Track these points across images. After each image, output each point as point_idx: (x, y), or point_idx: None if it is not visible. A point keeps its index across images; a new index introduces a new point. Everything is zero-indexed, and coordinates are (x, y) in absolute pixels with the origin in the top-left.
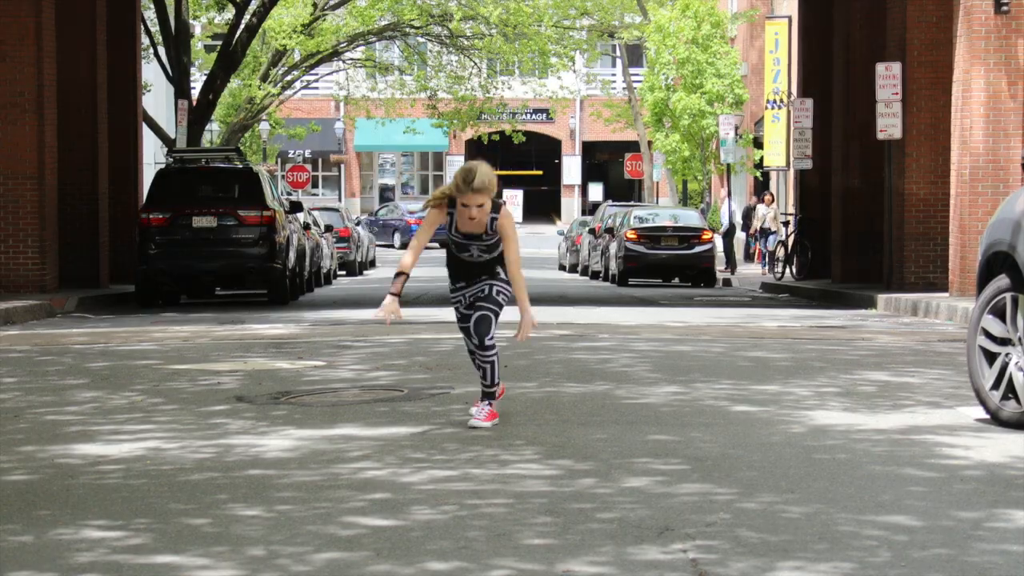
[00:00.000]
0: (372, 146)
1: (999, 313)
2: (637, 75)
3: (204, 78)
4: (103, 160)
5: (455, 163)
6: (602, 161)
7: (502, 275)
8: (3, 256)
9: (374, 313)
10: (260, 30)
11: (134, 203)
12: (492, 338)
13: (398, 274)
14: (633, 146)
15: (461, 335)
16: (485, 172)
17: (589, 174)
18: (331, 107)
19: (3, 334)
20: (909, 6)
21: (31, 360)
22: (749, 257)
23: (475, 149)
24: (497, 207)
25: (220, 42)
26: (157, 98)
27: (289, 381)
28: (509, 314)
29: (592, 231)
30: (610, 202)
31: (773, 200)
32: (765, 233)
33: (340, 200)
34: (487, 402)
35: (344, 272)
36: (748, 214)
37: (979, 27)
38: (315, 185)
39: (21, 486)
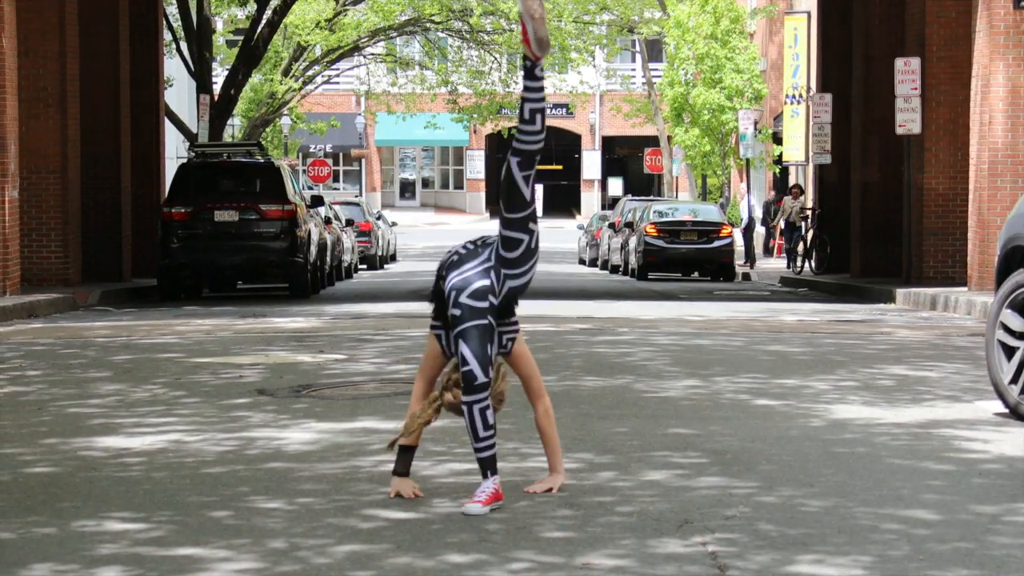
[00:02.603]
0: (393, 141)
1: (1018, 307)
2: (656, 70)
3: (226, 73)
4: (126, 154)
5: (475, 157)
6: (621, 156)
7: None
8: (27, 250)
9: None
10: (282, 25)
11: (156, 197)
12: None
13: (403, 449)
14: (652, 141)
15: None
16: None
17: (609, 169)
18: (352, 102)
19: (27, 327)
20: (928, 1)
21: (54, 353)
22: (768, 251)
23: (495, 143)
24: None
25: (242, 37)
26: (179, 93)
27: (310, 374)
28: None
29: (612, 225)
30: (629, 196)
31: (802, 193)
32: (791, 227)
33: (361, 195)
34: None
35: (365, 266)
36: (768, 208)
37: (999, 22)
38: (336, 179)
39: (45, 478)
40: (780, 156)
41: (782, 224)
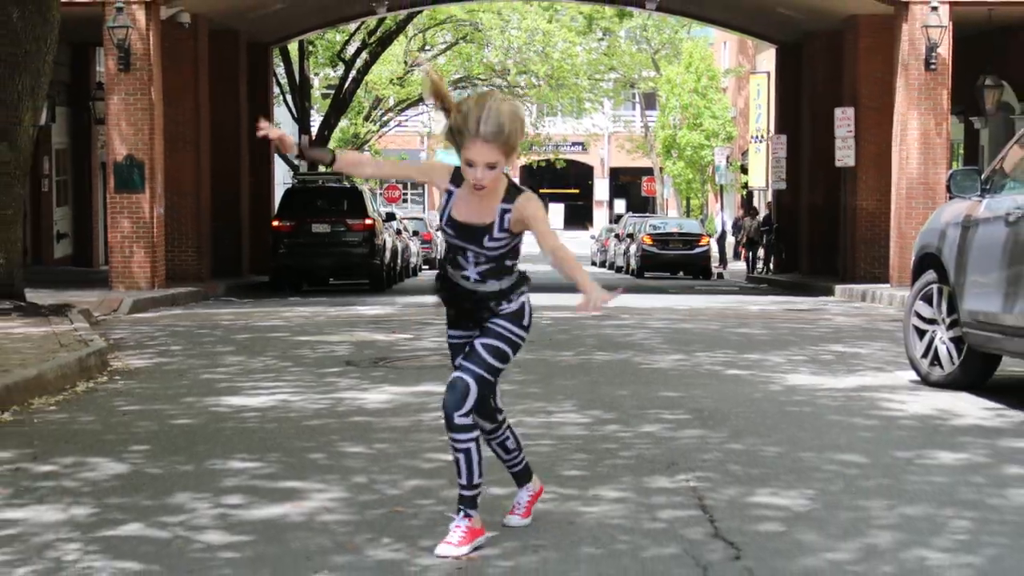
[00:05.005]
0: None
1: (928, 299)
2: (651, 116)
3: (321, 119)
4: (244, 181)
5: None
6: (624, 182)
7: (508, 307)
8: (170, 254)
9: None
10: (363, 82)
11: (268, 214)
12: (466, 415)
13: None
14: (648, 171)
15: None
16: (506, 111)
17: (614, 192)
18: (417, 140)
19: (170, 313)
20: (860, 64)
21: (191, 333)
22: (737, 256)
23: (527, 174)
24: (515, 192)
25: (333, 91)
26: None
27: (385, 349)
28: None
29: (617, 236)
30: (631, 214)
31: (757, 214)
32: (751, 242)
33: (424, 212)
34: (463, 513)
35: (427, 267)
36: (736, 223)
37: (914, 80)
38: (405, 200)
39: (185, 428)
40: (747, 183)
41: (744, 239)
